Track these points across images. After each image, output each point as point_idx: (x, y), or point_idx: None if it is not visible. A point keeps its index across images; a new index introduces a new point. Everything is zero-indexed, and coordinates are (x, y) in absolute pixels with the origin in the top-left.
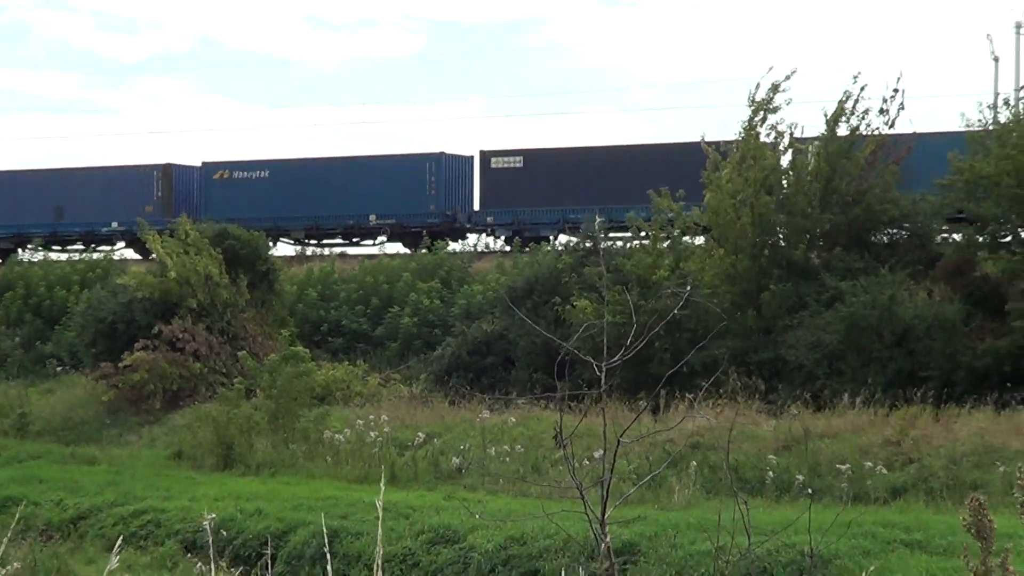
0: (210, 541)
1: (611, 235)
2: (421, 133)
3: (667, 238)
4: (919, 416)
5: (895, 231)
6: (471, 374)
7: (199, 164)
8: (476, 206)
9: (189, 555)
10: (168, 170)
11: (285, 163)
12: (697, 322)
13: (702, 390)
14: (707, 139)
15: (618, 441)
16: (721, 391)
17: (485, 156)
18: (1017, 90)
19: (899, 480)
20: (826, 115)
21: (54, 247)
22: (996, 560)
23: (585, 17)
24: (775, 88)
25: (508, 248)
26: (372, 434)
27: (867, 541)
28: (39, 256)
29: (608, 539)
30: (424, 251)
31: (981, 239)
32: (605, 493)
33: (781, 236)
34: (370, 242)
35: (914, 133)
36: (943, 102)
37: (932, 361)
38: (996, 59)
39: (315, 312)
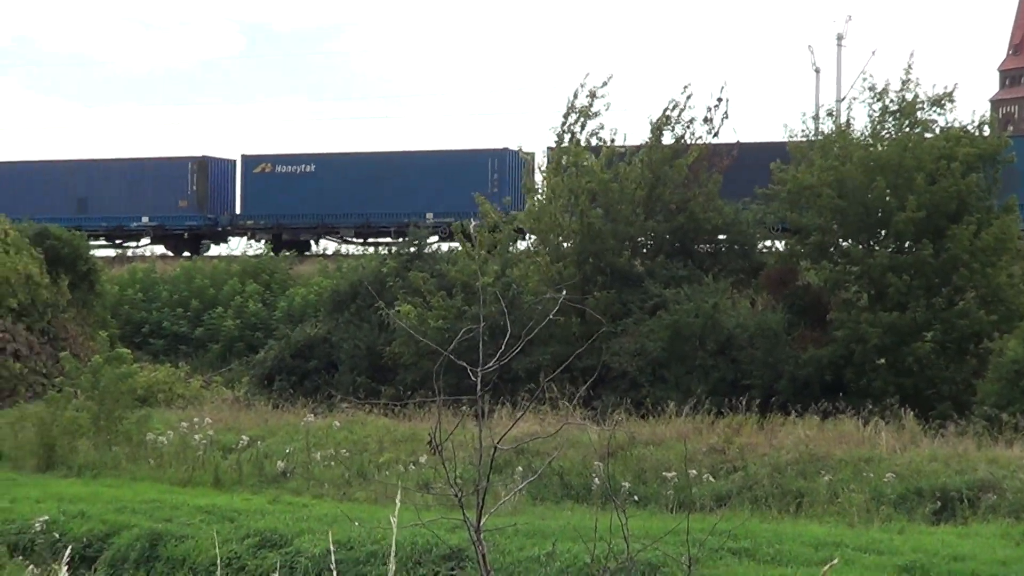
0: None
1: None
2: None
3: (493, 245)
4: (744, 424)
5: (719, 240)
6: (294, 377)
7: (237, 156)
8: None
9: (19, 557)
10: (204, 163)
11: (334, 157)
12: (521, 327)
13: (535, 394)
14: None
15: (494, 448)
16: (543, 397)
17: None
18: (838, 101)
19: (724, 488)
20: (651, 122)
21: None
22: None
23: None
24: (592, 94)
25: None
26: (196, 437)
27: (695, 549)
28: None
29: (484, 547)
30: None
31: (803, 249)
32: (480, 501)
33: (606, 244)
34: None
35: (737, 142)
36: (767, 112)
37: (755, 369)
38: (817, 70)
39: (137, 313)
